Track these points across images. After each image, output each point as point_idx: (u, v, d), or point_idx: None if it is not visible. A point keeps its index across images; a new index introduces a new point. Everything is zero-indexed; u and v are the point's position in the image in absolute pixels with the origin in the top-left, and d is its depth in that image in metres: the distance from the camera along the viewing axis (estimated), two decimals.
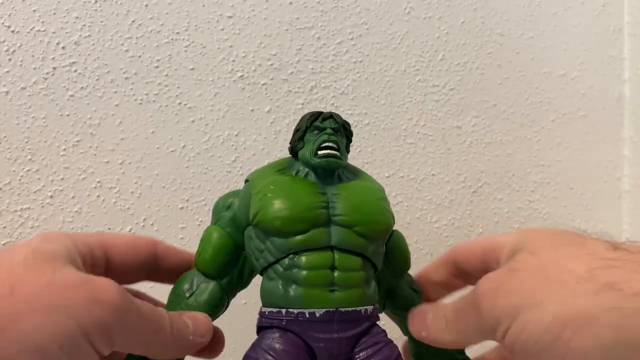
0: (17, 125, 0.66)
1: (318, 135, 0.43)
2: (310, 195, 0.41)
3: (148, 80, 0.69)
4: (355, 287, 0.41)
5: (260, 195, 0.41)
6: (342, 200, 0.42)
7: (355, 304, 0.40)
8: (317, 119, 0.44)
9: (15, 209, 0.66)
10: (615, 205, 0.88)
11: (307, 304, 0.39)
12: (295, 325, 0.40)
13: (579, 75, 0.86)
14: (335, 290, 0.40)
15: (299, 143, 0.44)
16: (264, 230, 0.41)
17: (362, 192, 0.44)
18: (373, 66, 0.77)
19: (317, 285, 0.40)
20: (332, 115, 0.44)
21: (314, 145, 0.43)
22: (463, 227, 0.80)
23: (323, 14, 0.75)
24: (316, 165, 0.43)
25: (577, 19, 0.87)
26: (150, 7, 0.69)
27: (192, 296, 0.43)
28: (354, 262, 0.41)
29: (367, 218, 0.42)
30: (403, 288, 0.48)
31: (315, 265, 0.40)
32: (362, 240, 0.41)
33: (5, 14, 0.65)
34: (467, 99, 0.81)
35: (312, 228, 0.40)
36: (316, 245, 0.40)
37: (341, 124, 0.45)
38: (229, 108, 0.72)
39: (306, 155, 0.43)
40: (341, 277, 0.40)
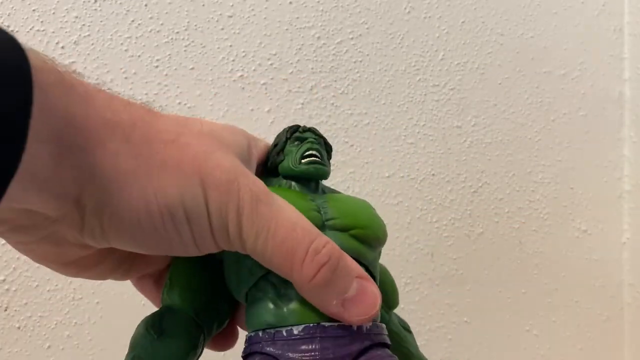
0: None
1: (300, 145, 0.40)
2: (300, 199, 0.37)
3: (148, 80, 0.69)
4: None
5: None
6: (333, 205, 0.38)
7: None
8: (296, 130, 0.41)
9: None
10: (615, 205, 0.88)
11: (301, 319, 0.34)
12: (273, 347, 0.34)
13: (579, 75, 0.86)
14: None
15: (278, 157, 0.41)
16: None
17: (352, 200, 0.41)
18: (373, 66, 0.77)
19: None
20: (311, 129, 0.42)
21: (297, 154, 0.40)
22: (463, 227, 0.80)
23: (323, 14, 0.75)
24: (302, 173, 0.39)
25: (577, 18, 0.87)
26: (149, 6, 0.69)
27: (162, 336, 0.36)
28: None
29: (362, 222, 0.38)
30: (394, 324, 0.44)
31: None
32: (360, 246, 0.37)
33: (4, 13, 0.65)
34: (468, 98, 0.81)
35: None
36: None
37: (320, 136, 0.42)
38: (228, 108, 0.72)
39: (289, 165, 0.40)
40: None
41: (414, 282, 0.77)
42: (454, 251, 0.80)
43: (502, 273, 0.82)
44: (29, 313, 0.66)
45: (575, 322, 0.85)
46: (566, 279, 0.85)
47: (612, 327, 0.86)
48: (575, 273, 0.85)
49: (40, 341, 0.66)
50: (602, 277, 0.87)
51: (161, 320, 0.36)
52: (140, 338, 0.36)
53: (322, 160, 0.40)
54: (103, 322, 0.67)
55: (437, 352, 0.79)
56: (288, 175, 0.40)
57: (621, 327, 0.87)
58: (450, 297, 0.79)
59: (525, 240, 0.83)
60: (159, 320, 0.36)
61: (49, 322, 0.66)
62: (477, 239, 0.81)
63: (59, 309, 0.67)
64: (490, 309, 0.81)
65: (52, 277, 0.66)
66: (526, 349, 0.82)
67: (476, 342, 0.80)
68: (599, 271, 0.86)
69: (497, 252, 0.82)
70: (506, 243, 0.82)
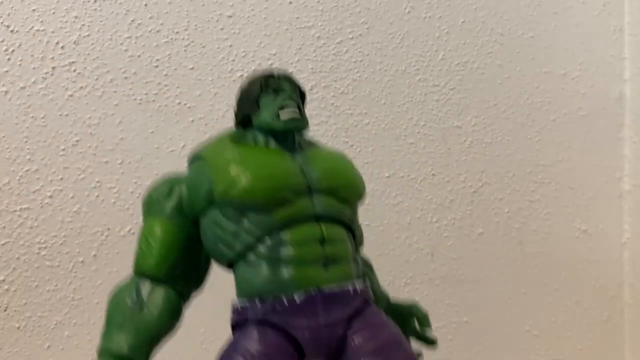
0: (16, 125, 0.65)
1: (276, 97, 0.38)
2: (283, 162, 0.37)
3: (147, 80, 0.69)
4: (346, 262, 0.36)
5: (225, 168, 0.36)
6: (317, 165, 0.38)
7: (343, 281, 0.35)
8: (271, 80, 0.39)
9: (15, 208, 0.65)
10: (615, 205, 0.88)
11: (300, 286, 0.34)
12: (273, 315, 0.34)
13: (579, 75, 0.86)
14: (328, 266, 0.35)
15: (252, 107, 0.39)
16: (239, 207, 0.35)
17: (331, 157, 0.40)
18: (373, 66, 0.77)
19: (309, 263, 0.35)
20: (287, 76, 0.40)
21: (274, 107, 0.38)
22: (463, 227, 0.80)
23: (323, 14, 0.75)
24: (280, 129, 0.38)
25: (577, 18, 0.87)
26: (149, 6, 0.69)
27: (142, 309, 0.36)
28: (340, 233, 0.37)
29: (347, 181, 0.38)
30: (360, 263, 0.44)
31: (304, 239, 0.35)
32: (343, 206, 0.38)
33: (4, 13, 0.65)
34: (468, 98, 0.81)
35: (295, 197, 0.36)
36: (302, 217, 0.36)
37: (297, 85, 0.40)
38: (228, 108, 0.71)
39: (266, 119, 0.38)
40: (332, 250, 0.36)
41: (414, 282, 0.77)
42: (454, 251, 0.80)
43: (502, 273, 0.82)
44: (29, 313, 0.66)
45: (575, 322, 0.85)
46: (566, 279, 0.85)
47: (612, 327, 0.86)
48: (575, 273, 0.85)
49: (40, 341, 0.66)
50: (602, 277, 0.87)
51: (139, 291, 0.37)
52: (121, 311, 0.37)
53: (301, 114, 0.39)
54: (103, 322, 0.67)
55: (437, 352, 0.79)
56: (265, 129, 0.39)
57: (621, 327, 0.87)
58: (450, 297, 0.79)
59: (525, 240, 0.83)
60: (136, 291, 0.37)
61: (49, 322, 0.66)
62: (477, 239, 0.81)
63: (58, 309, 0.67)
64: (490, 309, 0.81)
65: (52, 278, 0.66)
66: (526, 349, 0.82)
67: (476, 342, 0.80)
68: (599, 271, 0.86)
69: (497, 252, 0.82)
70: (506, 243, 0.82)
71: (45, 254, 0.66)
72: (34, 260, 0.66)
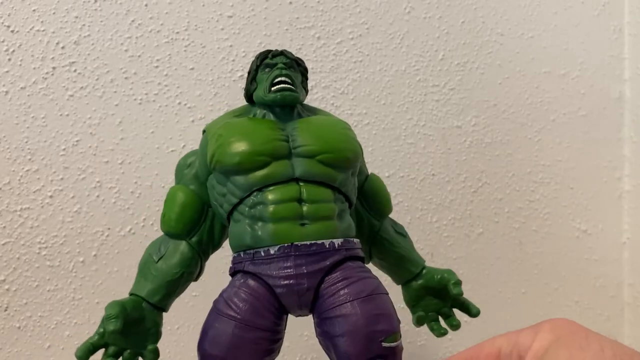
0: (16, 125, 0.66)
1: (270, 72, 0.42)
2: (268, 130, 0.40)
3: (148, 80, 0.69)
4: (326, 220, 0.38)
5: (216, 137, 0.40)
6: (302, 131, 0.40)
7: (320, 237, 0.38)
8: (266, 57, 0.43)
9: (15, 208, 0.65)
10: (615, 205, 0.88)
11: (276, 240, 0.37)
12: (253, 266, 0.38)
13: (579, 75, 0.86)
14: (305, 223, 0.38)
15: (252, 85, 0.43)
16: (223, 171, 0.39)
17: (324, 123, 0.42)
18: (373, 66, 0.77)
19: (285, 220, 0.38)
20: (283, 52, 0.43)
21: (267, 82, 0.41)
22: (463, 227, 0.80)
23: (323, 14, 0.75)
24: (271, 101, 0.41)
25: (577, 18, 0.87)
26: (150, 6, 0.69)
27: (161, 260, 0.42)
28: (322, 194, 0.39)
29: (330, 146, 0.40)
30: (386, 230, 0.46)
31: (281, 199, 0.38)
32: (328, 170, 0.39)
33: (4, 13, 0.65)
34: (468, 98, 0.81)
35: (273, 161, 0.39)
36: (280, 179, 0.39)
37: (293, 59, 0.43)
38: (228, 108, 0.72)
39: (260, 94, 0.42)
40: (310, 209, 0.38)
41: None
42: (454, 251, 0.80)
43: (502, 273, 0.82)
44: (29, 313, 0.66)
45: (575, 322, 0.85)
46: (566, 279, 0.85)
47: (612, 327, 0.86)
48: (575, 273, 0.85)
49: (40, 341, 0.66)
50: (602, 277, 0.87)
51: (160, 246, 0.42)
52: (146, 262, 0.42)
53: (292, 85, 0.41)
54: None
55: (438, 352, 0.79)
56: (261, 103, 0.42)
57: (621, 327, 0.87)
58: None
59: (525, 240, 0.83)
60: (159, 246, 0.42)
61: (49, 322, 0.66)
62: (477, 239, 0.81)
63: (59, 309, 0.67)
64: (490, 309, 0.81)
65: (52, 278, 0.66)
66: None
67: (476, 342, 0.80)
68: (599, 271, 0.86)
69: (497, 252, 0.82)
70: (506, 243, 0.82)
71: (46, 253, 0.66)
72: (35, 260, 0.66)
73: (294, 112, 0.42)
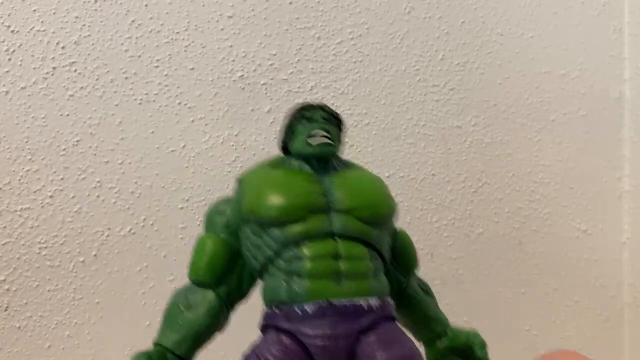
0: (16, 125, 0.66)
1: (309, 125, 0.42)
2: (305, 182, 0.40)
3: (148, 80, 0.69)
4: (363, 278, 0.38)
5: (253, 188, 0.40)
6: (340, 186, 0.41)
7: (356, 296, 0.37)
8: (306, 110, 0.43)
9: (15, 208, 0.65)
10: (615, 205, 0.88)
11: (312, 297, 0.37)
12: (287, 323, 0.37)
13: (579, 75, 0.86)
14: (342, 281, 0.37)
15: (288, 136, 0.43)
16: (259, 222, 0.39)
17: (360, 178, 0.43)
18: (373, 66, 0.77)
19: (322, 276, 0.37)
20: (322, 107, 0.43)
21: (304, 134, 0.42)
22: (463, 227, 0.80)
23: (323, 14, 0.75)
24: (309, 154, 0.42)
25: (577, 18, 0.87)
26: (150, 6, 0.69)
27: (187, 310, 0.41)
28: (359, 251, 0.39)
29: (367, 202, 0.41)
30: (413, 288, 0.46)
31: (318, 255, 0.38)
32: (365, 226, 0.39)
33: (5, 13, 0.65)
34: (467, 98, 0.81)
35: (310, 215, 0.38)
36: (317, 233, 0.38)
37: (331, 113, 0.43)
38: (228, 108, 0.72)
39: (298, 146, 0.42)
40: (347, 266, 0.38)
41: None
42: (454, 251, 0.80)
43: (502, 273, 0.82)
44: (29, 313, 0.66)
45: (575, 322, 0.85)
46: (566, 279, 0.85)
47: (612, 327, 0.86)
48: (575, 273, 0.85)
49: (40, 341, 0.66)
50: (602, 277, 0.87)
51: (187, 295, 0.41)
52: (172, 311, 0.41)
53: (330, 139, 0.42)
54: (103, 322, 0.67)
55: None
56: (298, 155, 0.42)
57: (621, 327, 0.87)
58: (450, 297, 0.79)
59: (525, 240, 0.83)
60: (185, 295, 0.42)
61: (49, 322, 0.66)
62: (477, 239, 0.81)
63: (59, 309, 0.67)
64: (490, 309, 0.81)
65: (52, 277, 0.66)
66: (526, 349, 0.82)
67: None
68: (599, 271, 0.86)
69: (497, 252, 0.82)
70: (506, 243, 0.82)
71: (46, 253, 0.66)
72: (35, 260, 0.66)
73: (330, 165, 0.43)
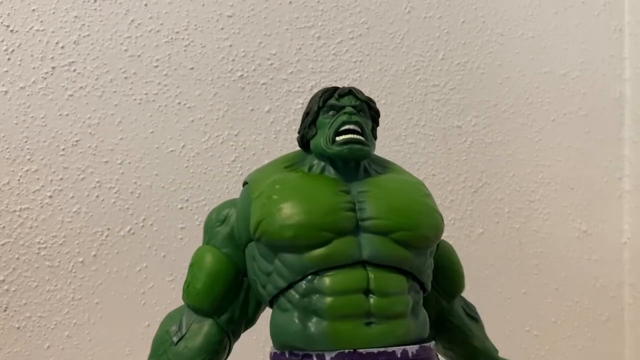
0: (16, 125, 0.65)
1: (335, 116, 0.33)
2: (330, 194, 0.31)
3: (147, 80, 0.69)
4: (399, 318, 0.29)
5: (264, 199, 0.31)
6: (373, 198, 0.31)
7: (389, 342, 0.29)
8: (332, 96, 0.33)
9: (15, 209, 0.65)
10: (615, 205, 0.88)
11: (334, 345, 0.28)
12: None
13: (579, 75, 0.86)
14: (372, 322, 0.29)
15: (310, 130, 0.34)
16: (270, 245, 0.31)
17: (399, 187, 0.34)
18: (373, 66, 0.77)
19: (347, 317, 0.29)
20: (352, 91, 0.34)
21: (331, 129, 0.32)
22: (463, 227, 0.80)
23: (323, 14, 0.75)
24: (335, 155, 0.33)
25: (577, 18, 0.86)
26: (149, 6, 0.69)
27: (181, 341, 0.33)
28: (396, 283, 0.30)
29: (409, 220, 0.32)
30: (457, 315, 0.38)
31: (343, 289, 0.29)
32: (404, 252, 0.31)
33: (4, 13, 0.65)
34: (468, 98, 0.81)
35: (335, 237, 0.30)
36: (343, 261, 0.30)
37: (364, 100, 0.35)
38: (228, 108, 0.71)
39: (321, 144, 0.33)
40: (380, 304, 0.29)
41: None
42: None
43: (502, 273, 0.82)
44: (29, 313, 0.66)
45: (575, 322, 0.85)
46: (566, 279, 0.85)
47: (612, 327, 0.86)
48: (575, 273, 0.85)
49: (40, 341, 0.66)
50: (602, 277, 0.86)
51: (182, 322, 0.33)
52: (160, 342, 0.34)
53: (362, 136, 0.33)
54: (103, 322, 0.67)
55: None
56: (321, 155, 0.33)
57: (621, 327, 0.87)
58: None
59: (525, 240, 0.83)
60: (180, 321, 0.33)
61: (49, 323, 0.66)
62: (477, 239, 0.81)
63: (58, 309, 0.67)
64: (490, 309, 0.81)
65: (52, 278, 0.66)
66: (526, 349, 0.82)
67: None
68: (599, 271, 0.86)
69: (497, 252, 0.82)
70: (506, 243, 0.82)
71: (45, 254, 0.66)
72: (34, 260, 0.66)
73: (360, 168, 0.34)
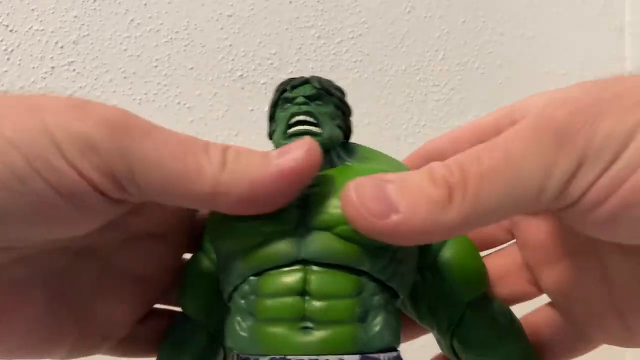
0: None
1: (288, 108, 0.30)
2: None
3: (147, 80, 0.69)
4: (340, 324, 0.25)
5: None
6: (322, 191, 0.27)
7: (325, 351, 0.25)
8: (286, 85, 0.31)
9: None
10: None
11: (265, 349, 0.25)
12: None
13: (579, 75, 0.86)
14: (308, 327, 0.25)
15: (271, 125, 0.32)
16: (216, 249, 0.29)
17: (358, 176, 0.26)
18: (373, 66, 0.77)
19: (279, 321, 0.25)
20: (308, 80, 0.31)
21: (282, 122, 0.30)
22: None
23: (323, 13, 0.75)
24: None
25: (577, 18, 0.86)
26: (149, 6, 0.69)
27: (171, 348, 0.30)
28: (340, 284, 0.25)
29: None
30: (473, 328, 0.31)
31: (276, 291, 0.25)
32: (352, 247, 0.26)
33: (3, 12, 0.65)
34: (468, 98, 0.81)
35: (275, 237, 0.26)
36: (280, 262, 0.26)
37: (321, 88, 0.32)
38: (228, 108, 0.71)
39: (276, 138, 0.31)
40: (317, 307, 0.25)
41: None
42: None
43: None
44: None
45: None
46: None
47: None
48: None
49: None
50: None
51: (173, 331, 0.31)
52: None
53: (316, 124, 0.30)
54: None
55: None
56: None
57: None
58: None
59: None
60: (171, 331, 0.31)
61: None
62: None
63: None
64: None
65: None
66: None
67: None
68: None
69: None
70: None
71: None
72: None
73: (328, 159, 0.30)
